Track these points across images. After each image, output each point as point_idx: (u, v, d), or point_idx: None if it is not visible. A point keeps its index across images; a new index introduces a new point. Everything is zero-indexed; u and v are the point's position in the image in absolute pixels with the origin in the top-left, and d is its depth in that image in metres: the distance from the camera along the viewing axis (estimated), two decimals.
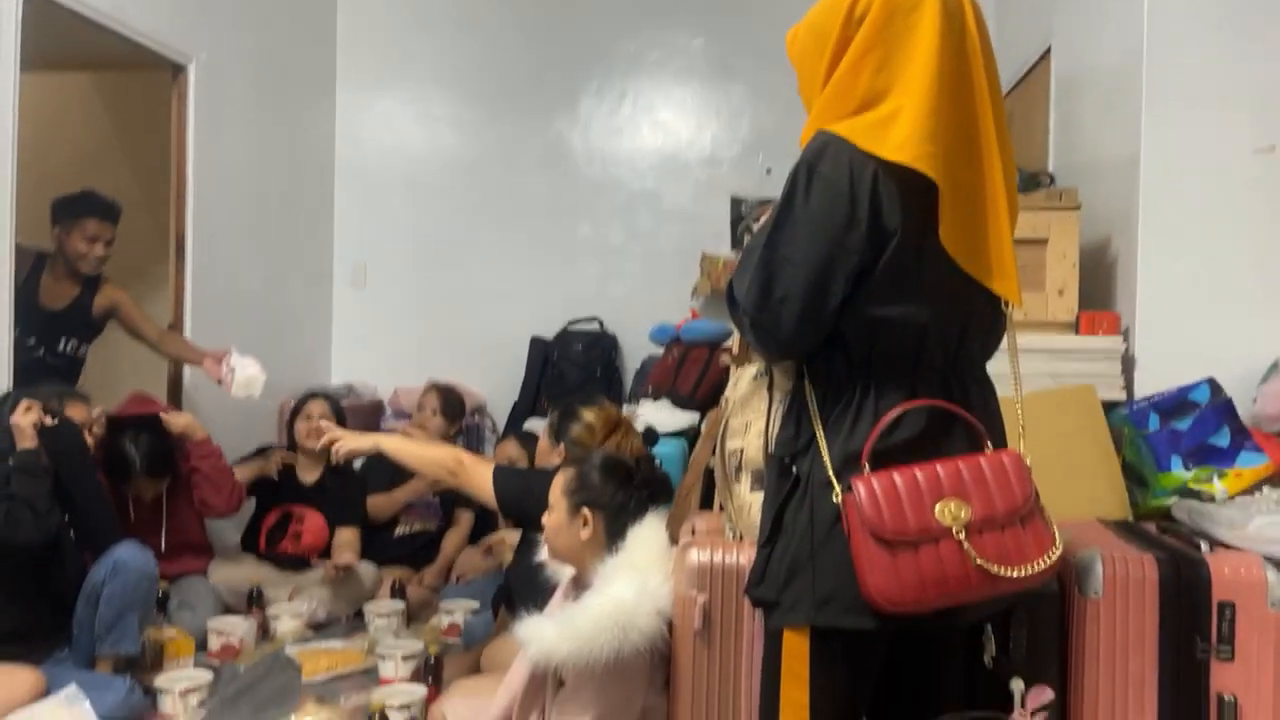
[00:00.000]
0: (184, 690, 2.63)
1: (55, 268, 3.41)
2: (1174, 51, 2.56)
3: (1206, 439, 2.31)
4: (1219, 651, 1.65)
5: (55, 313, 3.40)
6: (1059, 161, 3.38)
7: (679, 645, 1.78)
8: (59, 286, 3.41)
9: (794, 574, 1.35)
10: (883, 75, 1.32)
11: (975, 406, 1.39)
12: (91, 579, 2.69)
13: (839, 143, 1.31)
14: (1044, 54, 3.56)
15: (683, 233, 4.80)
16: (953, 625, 1.39)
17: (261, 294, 4.36)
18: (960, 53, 1.33)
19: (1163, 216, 2.57)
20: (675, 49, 4.86)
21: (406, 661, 2.80)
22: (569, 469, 2.04)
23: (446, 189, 4.95)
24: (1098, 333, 2.57)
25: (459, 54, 4.93)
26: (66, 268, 3.40)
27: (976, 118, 1.34)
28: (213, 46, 3.92)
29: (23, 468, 2.60)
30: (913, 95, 1.29)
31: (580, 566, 1.99)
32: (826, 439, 1.35)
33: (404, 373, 4.76)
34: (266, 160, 4.38)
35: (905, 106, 1.29)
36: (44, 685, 2.49)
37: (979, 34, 1.36)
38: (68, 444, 2.73)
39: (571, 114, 4.90)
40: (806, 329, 1.33)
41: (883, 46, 1.32)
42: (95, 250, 3.38)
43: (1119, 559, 1.71)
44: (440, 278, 4.94)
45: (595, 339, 4.69)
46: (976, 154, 1.35)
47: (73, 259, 3.38)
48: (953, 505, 1.28)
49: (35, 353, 3.33)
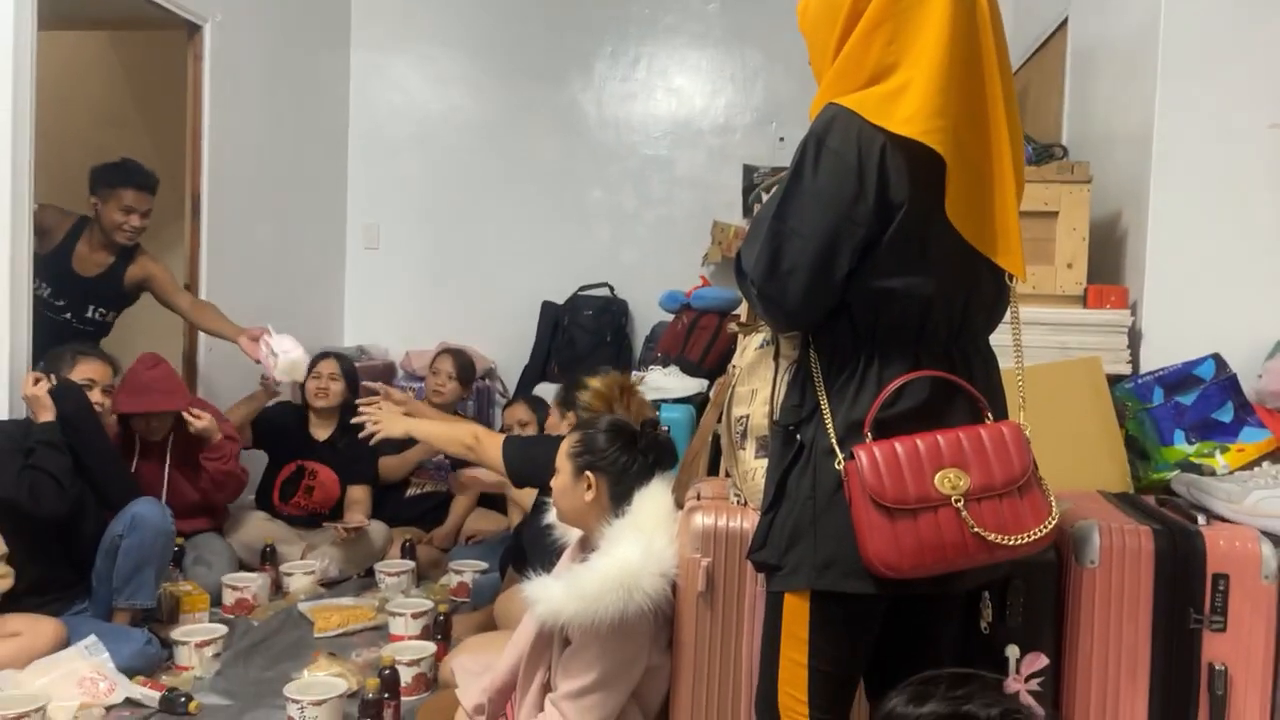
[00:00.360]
0: (199, 643, 2.70)
1: (91, 235, 3.42)
2: (1190, 26, 2.54)
3: (1210, 414, 2.33)
4: (1211, 622, 1.68)
5: (87, 279, 3.42)
6: (1073, 133, 3.37)
7: (682, 607, 1.82)
8: (94, 255, 3.42)
9: (795, 539, 1.38)
10: (893, 48, 1.33)
11: (977, 378, 1.41)
12: (110, 533, 2.75)
13: (848, 115, 1.32)
14: (1061, 25, 3.53)
15: (694, 200, 4.80)
16: (949, 591, 1.42)
17: (275, 254, 4.39)
18: (971, 28, 1.34)
19: (1174, 191, 2.57)
20: (690, 13, 4.83)
21: (416, 619, 2.86)
22: (575, 433, 2.08)
23: (459, 151, 4.95)
24: (1105, 306, 2.58)
25: (473, 16, 4.91)
26: (102, 237, 3.40)
27: (985, 92, 1.35)
28: (228, 6, 3.92)
29: (45, 440, 2.64)
30: (922, 69, 1.30)
31: (586, 529, 2.03)
32: (830, 407, 1.38)
33: (415, 335, 4.81)
34: (281, 121, 4.39)
35: (915, 80, 1.30)
36: (65, 635, 2.56)
37: (989, 9, 1.37)
38: (72, 405, 2.76)
39: (585, 78, 4.89)
40: (813, 300, 1.35)
41: (894, 20, 1.33)
42: (131, 221, 3.37)
43: (1116, 530, 1.73)
44: (452, 241, 4.97)
45: (606, 304, 4.72)
46: (985, 129, 1.36)
47: (109, 229, 3.38)
48: (952, 474, 1.31)
49: (63, 315, 3.36)
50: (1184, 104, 2.55)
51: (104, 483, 2.82)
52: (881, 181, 1.31)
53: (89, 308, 3.43)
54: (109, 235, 3.39)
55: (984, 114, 1.35)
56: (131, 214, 3.36)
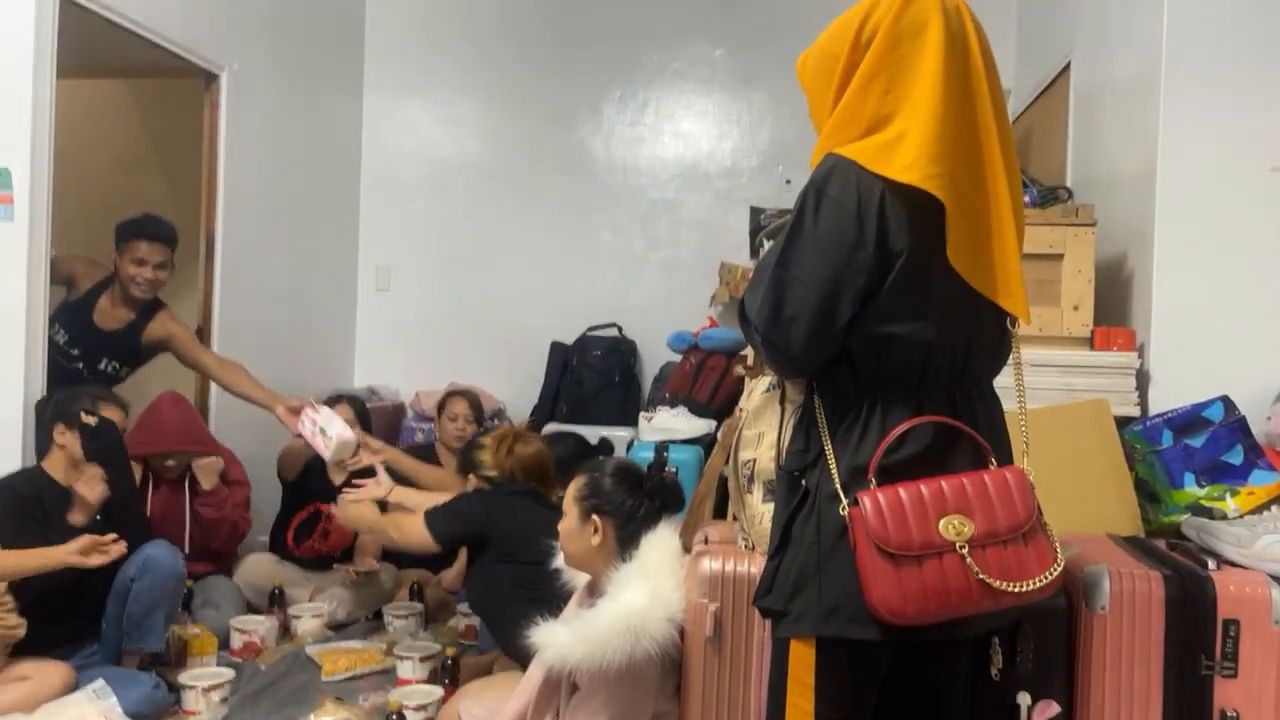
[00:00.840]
0: (207, 687, 2.69)
1: (114, 290, 3.39)
2: (1192, 68, 2.57)
3: (1219, 456, 2.32)
4: (1222, 668, 1.66)
5: (105, 332, 3.38)
6: (1077, 175, 3.39)
7: (690, 652, 1.81)
8: (115, 310, 3.39)
9: (801, 585, 1.38)
10: (889, 98, 1.36)
11: (980, 423, 1.42)
12: (122, 576, 2.75)
13: (847, 165, 1.35)
14: (1064, 68, 3.57)
15: (702, 241, 4.84)
16: (955, 637, 1.41)
17: (288, 296, 4.44)
18: (964, 75, 1.37)
19: (1179, 233, 2.58)
20: (697, 59, 4.90)
21: (424, 662, 2.85)
22: (581, 476, 2.08)
23: (470, 194, 5.01)
24: (1112, 348, 2.58)
25: (483, 61, 5.00)
26: (123, 292, 3.37)
27: (981, 137, 1.38)
28: (244, 56, 4.00)
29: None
30: (919, 118, 1.33)
31: (593, 573, 2.03)
32: (834, 453, 1.38)
33: (425, 376, 4.82)
34: (294, 165, 4.46)
35: (911, 129, 1.33)
36: (73, 679, 2.56)
37: (983, 56, 1.39)
38: (107, 444, 2.78)
39: (594, 122, 4.96)
40: (816, 346, 1.37)
41: (889, 70, 1.36)
42: (144, 273, 3.32)
43: (1126, 575, 1.73)
44: (462, 282, 5.01)
45: (614, 345, 4.74)
46: (982, 173, 1.38)
47: (125, 282, 3.35)
48: (956, 520, 1.31)
49: (75, 364, 3.34)
50: (1187, 146, 2.57)
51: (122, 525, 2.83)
52: (881, 229, 1.33)
53: (102, 360, 3.41)
54: (126, 289, 3.37)
55: (981, 158, 1.38)
56: (144, 266, 3.33)
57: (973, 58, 1.38)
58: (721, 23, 4.86)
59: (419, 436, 4.52)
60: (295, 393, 3.54)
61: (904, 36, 1.36)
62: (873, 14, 1.38)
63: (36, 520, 2.67)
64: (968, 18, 1.41)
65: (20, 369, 2.92)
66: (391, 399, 4.83)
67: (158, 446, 3.21)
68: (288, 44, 4.36)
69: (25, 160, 2.91)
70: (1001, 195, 1.39)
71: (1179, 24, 2.58)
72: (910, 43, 1.35)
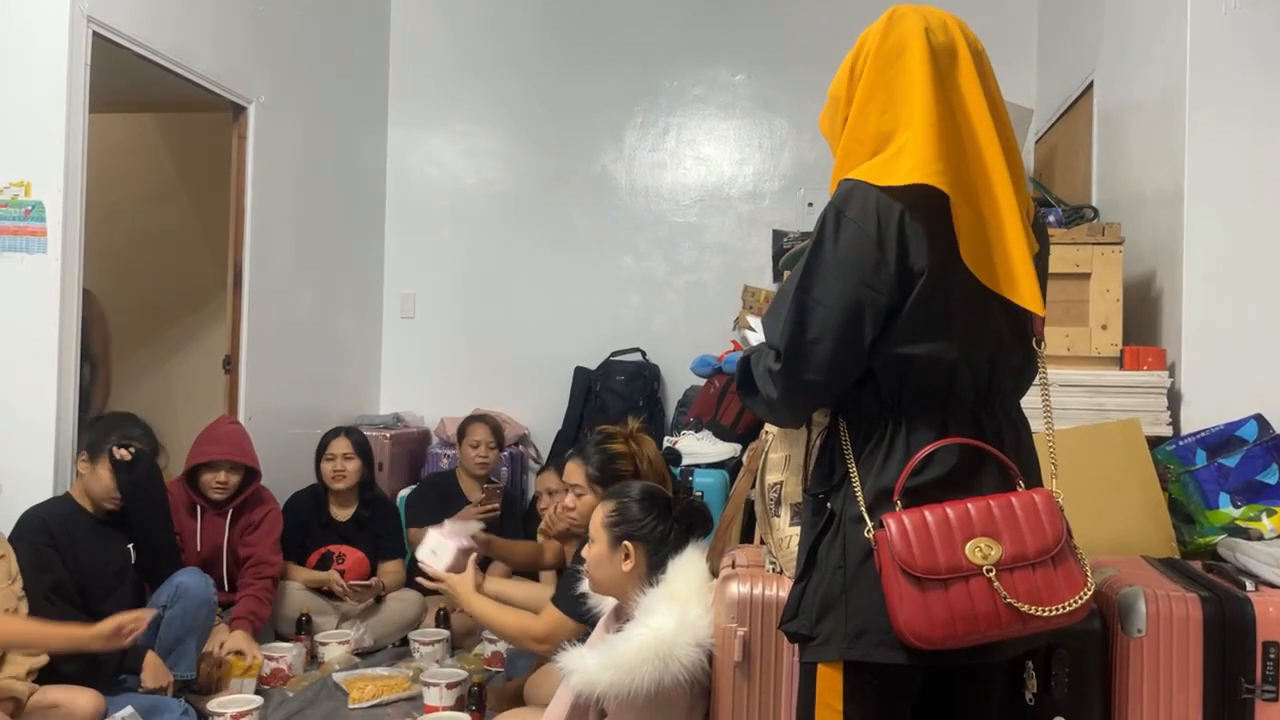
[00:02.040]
0: (235, 714, 2.69)
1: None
2: (1216, 85, 2.55)
3: (1255, 476, 2.28)
4: (1263, 692, 1.63)
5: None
6: (1102, 194, 3.37)
7: (719, 677, 1.80)
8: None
9: (827, 609, 1.37)
10: (887, 117, 1.40)
11: (1007, 444, 1.41)
12: (154, 603, 2.78)
13: (863, 187, 1.37)
14: (1087, 86, 3.56)
15: (725, 265, 4.85)
16: (984, 661, 1.39)
17: (314, 325, 4.48)
18: (952, 79, 1.41)
19: (1208, 251, 2.56)
20: (718, 85, 4.93)
21: (450, 689, 2.84)
22: (608, 502, 2.07)
23: (493, 222, 5.05)
24: (1143, 368, 2.55)
25: (506, 91, 5.05)
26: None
27: (980, 139, 1.39)
28: (272, 89, 4.07)
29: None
30: (915, 127, 1.37)
31: (622, 598, 2.02)
32: (859, 476, 1.37)
33: (450, 402, 4.84)
34: (320, 195, 4.52)
35: (910, 140, 1.37)
36: (103, 706, 2.57)
37: (975, 60, 1.42)
38: (143, 475, 2.81)
39: (616, 148, 4.99)
40: (840, 367, 1.37)
41: (882, 91, 1.41)
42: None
43: (1162, 597, 1.69)
44: (486, 309, 5.04)
45: (638, 369, 4.74)
46: (984, 173, 1.39)
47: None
48: (983, 544, 1.29)
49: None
50: (1214, 164, 2.55)
51: (155, 555, 2.86)
52: (901, 249, 1.34)
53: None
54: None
55: (981, 159, 1.39)
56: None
57: (961, 65, 1.41)
58: (741, 48, 4.89)
59: (444, 463, 4.53)
60: (321, 420, 3.56)
61: (890, 58, 1.42)
62: (862, 48, 1.46)
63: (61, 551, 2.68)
64: (956, 29, 1.44)
65: (53, 400, 2.95)
66: (417, 425, 4.85)
67: (213, 455, 3.28)
68: (314, 77, 4.43)
69: (58, 194, 2.97)
70: (1006, 192, 1.39)
71: (1202, 41, 2.57)
72: (895, 63, 1.41)
